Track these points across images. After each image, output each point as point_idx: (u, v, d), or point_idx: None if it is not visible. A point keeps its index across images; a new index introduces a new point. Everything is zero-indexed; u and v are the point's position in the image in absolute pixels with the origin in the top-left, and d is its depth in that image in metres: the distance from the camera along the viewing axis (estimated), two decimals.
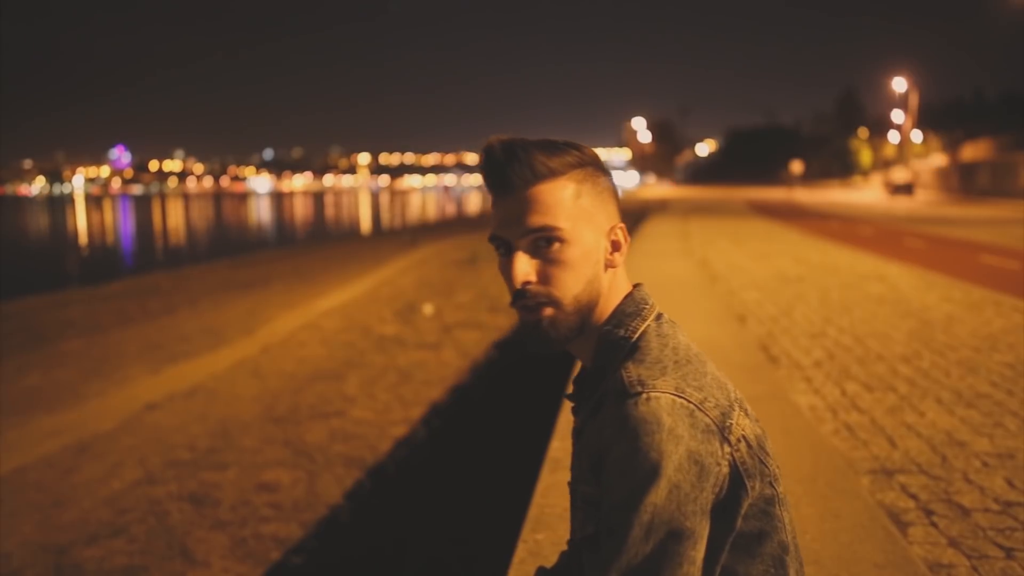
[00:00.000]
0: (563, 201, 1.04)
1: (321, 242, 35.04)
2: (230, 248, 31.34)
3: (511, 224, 1.05)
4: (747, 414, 1.04)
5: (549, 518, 2.83)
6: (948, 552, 2.92)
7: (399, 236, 31.73)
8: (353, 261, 20.87)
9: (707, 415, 0.97)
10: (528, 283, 1.05)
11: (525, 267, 1.05)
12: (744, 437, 1.00)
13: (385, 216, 67.54)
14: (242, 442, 5.93)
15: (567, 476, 3.42)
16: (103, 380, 8.25)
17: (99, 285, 17.66)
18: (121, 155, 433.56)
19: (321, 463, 5.46)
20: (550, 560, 2.19)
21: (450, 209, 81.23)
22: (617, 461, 0.94)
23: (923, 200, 49.29)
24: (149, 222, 61.36)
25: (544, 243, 1.04)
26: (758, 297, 9.15)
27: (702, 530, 0.95)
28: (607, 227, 1.08)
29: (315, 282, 16.23)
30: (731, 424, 0.99)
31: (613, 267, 1.09)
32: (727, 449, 0.98)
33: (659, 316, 1.10)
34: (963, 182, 54.67)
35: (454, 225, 41.83)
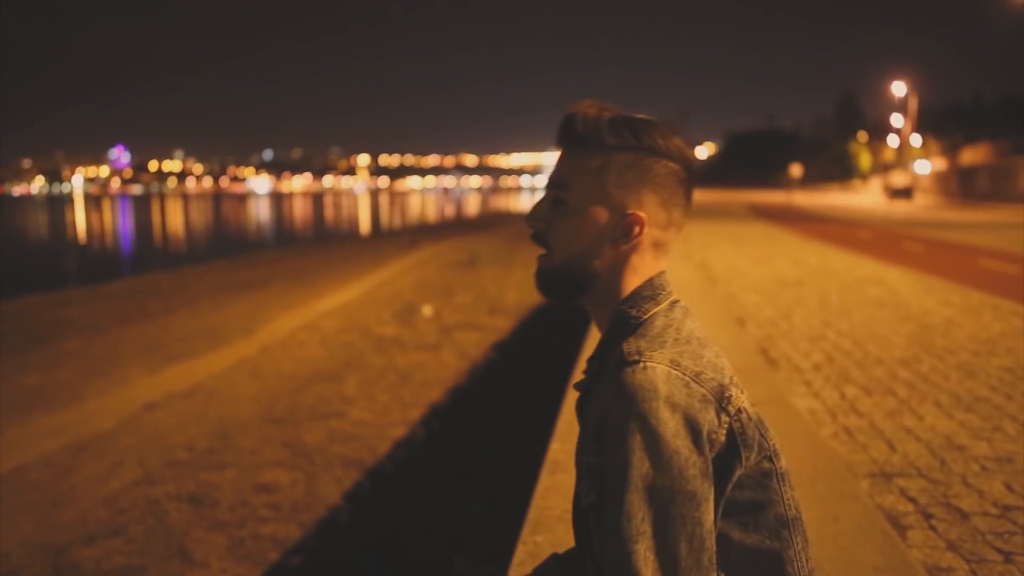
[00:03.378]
0: (583, 171, 1.10)
1: (320, 243, 35.05)
2: (229, 249, 31.33)
3: (552, 172, 1.15)
4: (744, 393, 1.06)
5: (548, 520, 2.83)
6: (947, 556, 2.92)
7: (398, 237, 31.72)
8: (352, 262, 20.87)
9: (703, 386, 1.00)
10: (534, 223, 1.14)
11: (539, 208, 1.14)
12: (743, 409, 1.03)
13: (373, 216, 67.51)
14: (241, 442, 5.93)
15: (567, 478, 3.42)
16: (102, 380, 8.24)
17: (98, 285, 17.65)
18: (120, 155, 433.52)
19: (320, 464, 5.46)
20: None
21: (449, 211, 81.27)
22: (615, 427, 0.96)
23: (922, 204, 49.34)
24: (148, 222, 61.35)
25: (555, 198, 1.12)
26: (757, 300, 9.16)
27: (706, 492, 0.96)
28: (625, 211, 1.09)
29: (314, 283, 16.23)
30: (729, 396, 1.02)
31: (621, 248, 1.10)
32: (725, 418, 1.00)
33: (674, 303, 1.12)
34: (962, 186, 54.73)
35: (453, 227, 41.84)
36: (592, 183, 1.09)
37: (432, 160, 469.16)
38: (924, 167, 64.00)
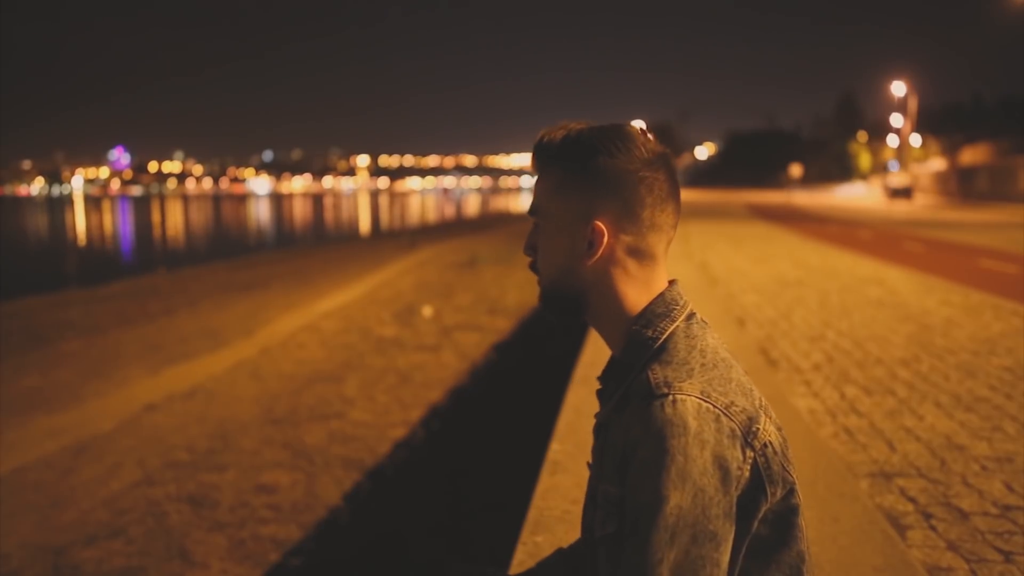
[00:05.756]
0: (547, 192, 1.11)
1: (320, 244, 35.04)
2: (229, 250, 31.33)
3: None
4: (772, 420, 1.04)
5: (548, 520, 2.83)
6: (947, 556, 2.92)
7: (398, 238, 31.72)
8: (352, 263, 20.87)
9: (732, 420, 0.98)
10: (527, 252, 1.16)
11: (530, 238, 1.16)
12: (769, 443, 1.01)
13: (373, 216, 67.50)
14: (241, 443, 5.93)
15: (566, 479, 3.42)
16: (102, 381, 8.24)
17: (98, 286, 17.64)
18: (120, 156, 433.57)
19: (320, 465, 5.46)
20: None
21: (449, 211, 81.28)
22: (643, 463, 0.94)
23: (922, 204, 49.33)
24: (148, 223, 61.34)
25: (534, 225, 1.15)
26: (757, 300, 9.16)
27: (726, 533, 0.95)
28: (584, 224, 1.08)
29: (314, 284, 16.23)
30: (757, 429, 1.00)
31: (592, 262, 1.08)
32: (750, 454, 0.98)
33: (690, 316, 1.09)
34: (962, 186, 54.73)
35: (453, 227, 41.84)
36: (555, 203, 1.10)
37: (432, 161, 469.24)
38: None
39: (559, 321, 1.16)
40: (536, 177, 1.14)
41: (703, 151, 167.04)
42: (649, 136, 1.10)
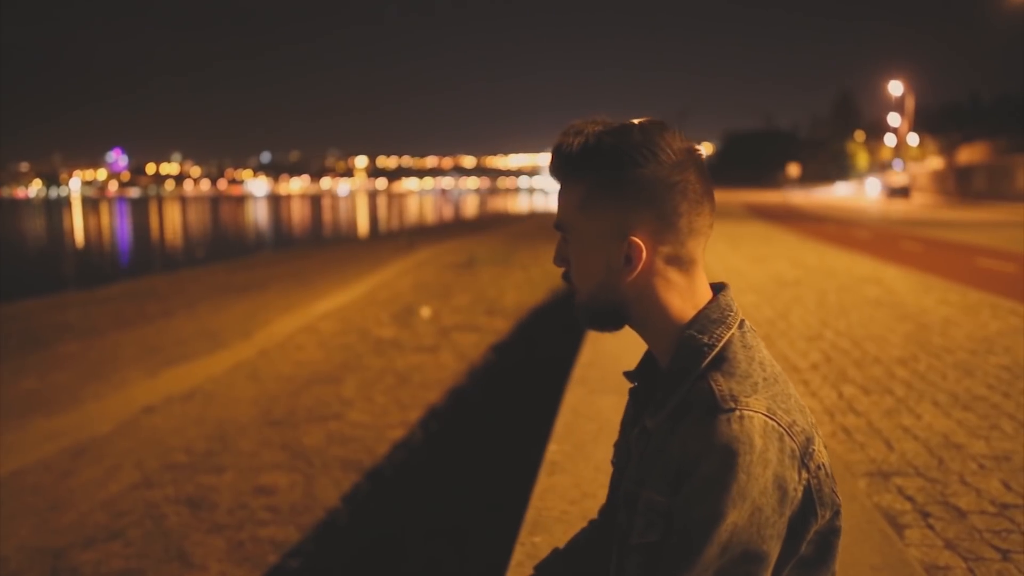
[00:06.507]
0: (573, 206, 1.05)
1: (318, 245, 35.02)
2: (227, 251, 31.32)
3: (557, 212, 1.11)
4: (821, 439, 1.02)
5: (546, 521, 2.84)
6: (945, 554, 2.93)
7: (396, 239, 31.71)
8: (350, 264, 20.86)
9: (794, 440, 0.96)
10: (559, 263, 1.10)
11: (559, 249, 1.10)
12: (823, 464, 1.00)
13: (371, 217, 67.51)
14: (239, 445, 5.93)
15: (564, 479, 3.42)
16: (100, 383, 8.23)
17: (96, 288, 17.63)
18: (118, 158, 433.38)
19: (318, 466, 5.46)
20: None
21: (447, 212, 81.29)
22: (705, 478, 0.92)
23: (920, 203, 49.38)
24: (146, 225, 61.29)
25: (563, 238, 1.09)
26: (755, 300, 9.17)
27: (774, 553, 0.95)
28: (619, 240, 1.02)
29: (312, 285, 16.22)
30: (813, 451, 0.98)
31: (632, 276, 1.03)
32: (805, 475, 0.97)
33: (742, 323, 1.06)
34: (959, 185, 54.79)
35: (452, 228, 41.83)
36: (583, 218, 1.04)
37: (430, 161, 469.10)
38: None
39: (599, 331, 1.12)
40: (560, 188, 1.07)
41: (701, 151, 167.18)
42: (675, 132, 1.04)
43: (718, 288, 1.10)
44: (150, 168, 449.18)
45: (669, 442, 0.98)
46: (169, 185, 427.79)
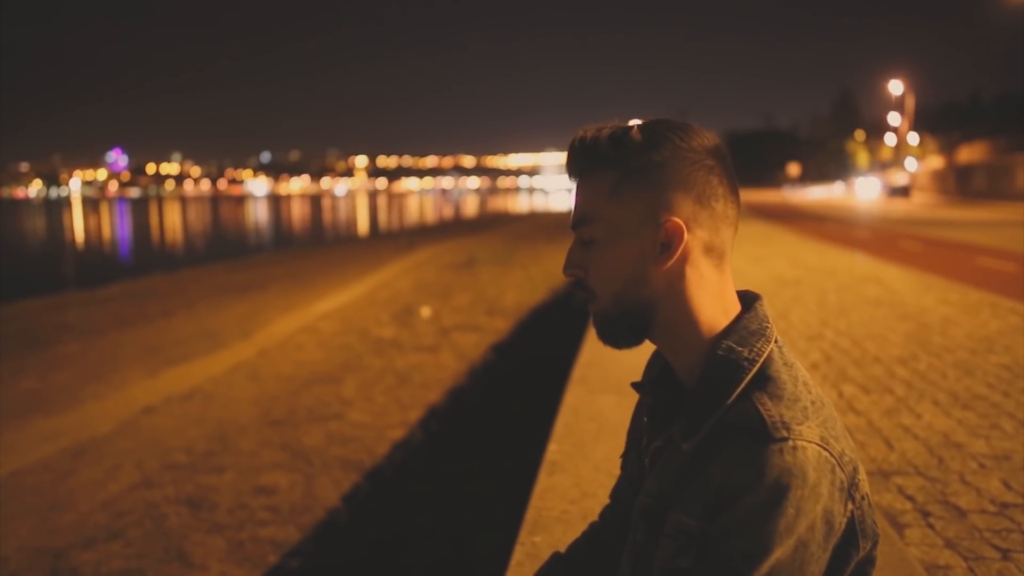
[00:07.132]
0: (600, 196, 0.98)
1: (318, 245, 35.03)
2: (227, 251, 31.32)
3: (573, 211, 1.03)
4: (863, 467, 0.98)
5: (546, 521, 2.84)
6: (945, 553, 2.93)
7: (396, 239, 31.70)
8: (350, 264, 20.86)
9: (843, 471, 0.91)
10: (571, 272, 1.02)
11: (571, 254, 1.02)
12: (867, 495, 0.95)
13: (371, 217, 67.51)
14: (239, 445, 5.93)
15: (564, 479, 3.41)
16: (100, 383, 8.23)
17: (96, 288, 17.62)
18: (118, 158, 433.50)
19: (318, 466, 5.45)
20: None
21: (448, 212, 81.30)
22: (750, 509, 0.86)
23: (920, 202, 49.38)
24: (146, 225, 61.31)
25: (583, 238, 1.01)
26: None
27: None
28: (654, 224, 0.96)
29: (312, 285, 16.22)
30: (859, 481, 0.93)
31: (669, 265, 0.96)
32: (850, 507, 0.91)
33: (776, 338, 0.99)
34: (960, 184, 54.80)
35: (452, 228, 41.83)
36: (613, 206, 0.97)
37: (430, 161, 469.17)
38: (911, 166, 64.29)
39: (618, 346, 1.03)
40: (578, 185, 1.01)
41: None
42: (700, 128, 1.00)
43: (748, 297, 1.03)
44: (150, 168, 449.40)
45: (707, 466, 0.92)
46: (169, 185, 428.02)
